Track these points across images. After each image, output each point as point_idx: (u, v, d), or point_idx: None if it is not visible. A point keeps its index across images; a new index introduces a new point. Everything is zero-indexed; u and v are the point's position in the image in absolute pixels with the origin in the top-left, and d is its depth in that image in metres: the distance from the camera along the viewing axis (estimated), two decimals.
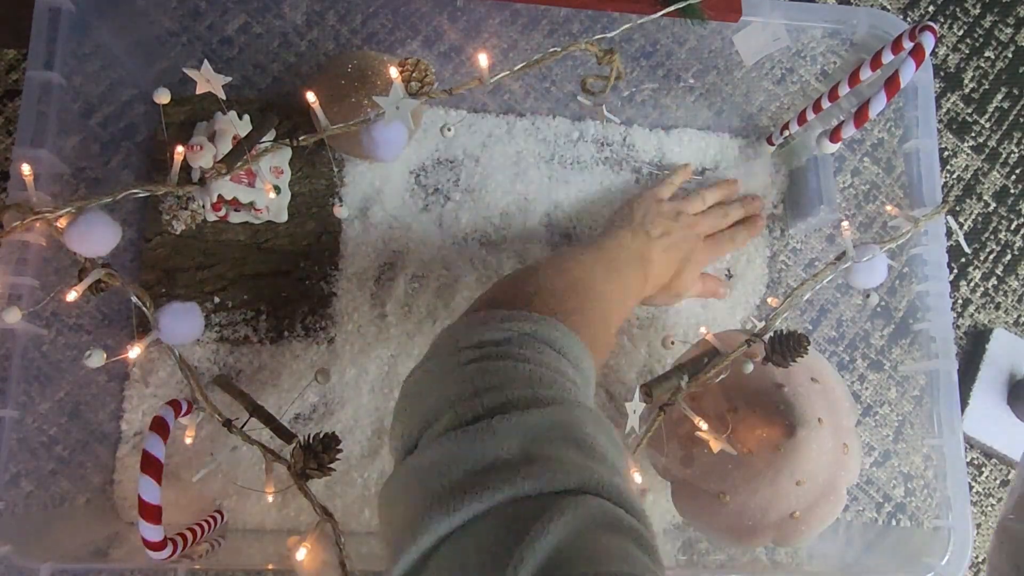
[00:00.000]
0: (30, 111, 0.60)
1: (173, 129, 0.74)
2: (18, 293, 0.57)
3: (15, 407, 0.58)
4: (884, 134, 0.77)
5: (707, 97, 0.80)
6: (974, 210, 0.90)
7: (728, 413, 0.65)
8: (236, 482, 0.71)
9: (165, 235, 0.74)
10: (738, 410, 0.65)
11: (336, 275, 0.76)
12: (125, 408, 0.72)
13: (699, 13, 0.63)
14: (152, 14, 0.69)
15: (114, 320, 0.71)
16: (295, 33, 0.73)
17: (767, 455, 0.62)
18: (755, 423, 0.63)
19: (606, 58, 0.57)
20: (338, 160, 0.78)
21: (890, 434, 0.80)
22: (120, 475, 0.71)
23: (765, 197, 0.85)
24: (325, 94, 0.64)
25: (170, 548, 0.57)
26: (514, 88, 0.79)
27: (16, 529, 0.58)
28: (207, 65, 0.52)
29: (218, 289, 0.74)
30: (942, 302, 0.68)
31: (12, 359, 0.58)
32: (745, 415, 0.64)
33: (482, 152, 0.81)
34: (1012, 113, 0.92)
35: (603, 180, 0.82)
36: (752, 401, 0.64)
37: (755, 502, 0.64)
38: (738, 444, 0.63)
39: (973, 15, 0.94)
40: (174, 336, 0.56)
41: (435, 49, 0.74)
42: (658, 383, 0.61)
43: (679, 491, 0.68)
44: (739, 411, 0.64)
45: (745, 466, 0.63)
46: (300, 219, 0.76)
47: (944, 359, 0.67)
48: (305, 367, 0.74)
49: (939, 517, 0.65)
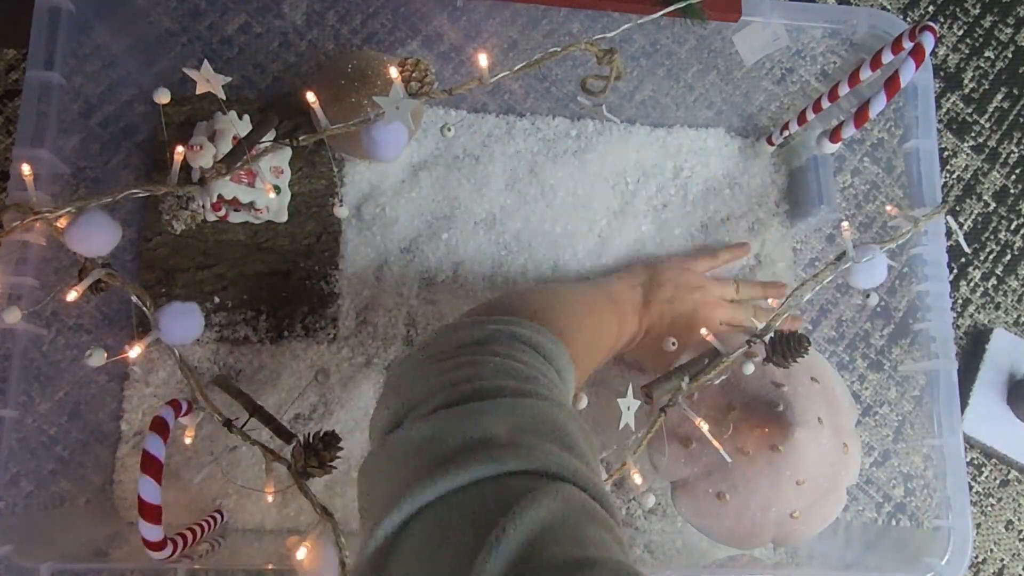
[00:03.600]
0: (30, 111, 0.60)
1: (173, 129, 0.74)
2: (18, 293, 0.57)
3: (15, 407, 0.58)
4: (884, 134, 0.77)
5: (707, 97, 0.80)
6: (974, 210, 0.90)
7: (728, 413, 0.65)
8: (236, 482, 0.71)
9: (165, 235, 0.74)
10: (738, 410, 0.65)
11: (336, 275, 0.76)
12: (125, 408, 0.72)
13: (699, 13, 0.63)
14: (152, 14, 0.69)
15: (114, 320, 0.71)
16: (295, 33, 0.73)
17: (767, 455, 0.62)
18: (755, 423, 0.63)
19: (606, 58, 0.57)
20: (338, 160, 0.78)
21: (890, 434, 0.80)
22: (120, 475, 0.71)
23: (765, 197, 0.85)
24: (325, 94, 0.64)
25: (170, 548, 0.57)
26: (514, 88, 0.79)
27: (16, 529, 0.58)
28: (207, 65, 0.52)
29: (218, 289, 0.74)
30: (942, 302, 0.68)
31: (12, 359, 0.58)
32: (745, 415, 0.64)
33: (482, 152, 0.81)
34: (1012, 113, 0.92)
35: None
36: (752, 401, 0.64)
37: (755, 502, 0.63)
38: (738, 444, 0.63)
39: (973, 15, 0.94)
40: (174, 336, 0.56)
41: (435, 49, 0.74)
42: (658, 384, 0.61)
43: (679, 491, 0.68)
44: (739, 411, 0.64)
45: (745, 466, 0.63)
46: (300, 219, 0.76)
47: (944, 359, 0.67)
48: (305, 367, 0.74)
49: (939, 517, 0.65)
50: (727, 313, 0.74)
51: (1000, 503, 0.85)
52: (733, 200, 0.84)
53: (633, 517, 0.76)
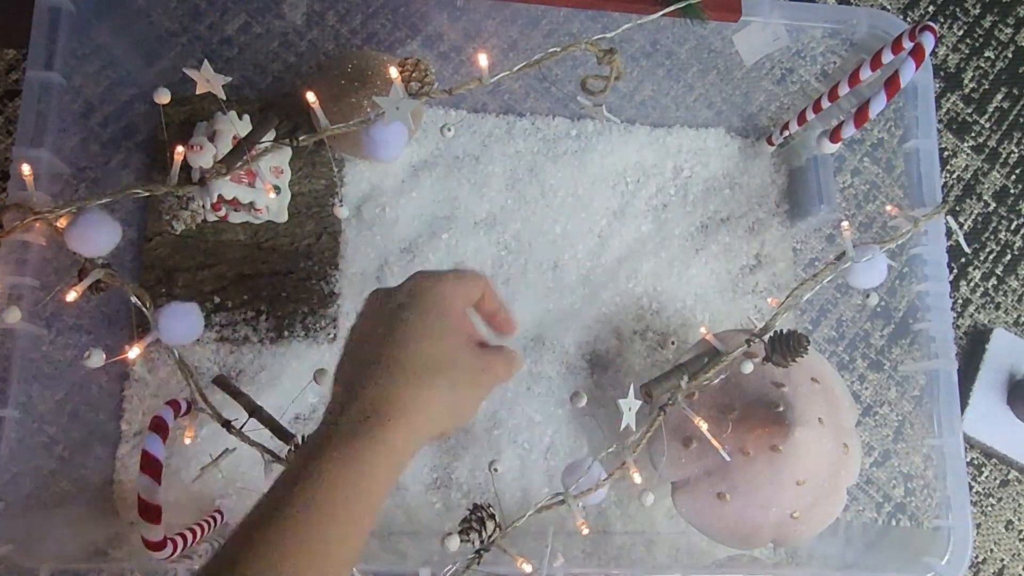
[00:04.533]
0: (30, 111, 0.60)
1: (173, 129, 0.74)
2: (18, 293, 0.57)
3: (15, 407, 0.58)
4: (884, 134, 0.77)
5: (707, 97, 0.80)
6: (974, 210, 0.90)
7: (728, 413, 0.65)
8: (236, 482, 0.71)
9: (165, 235, 0.74)
10: (738, 410, 0.65)
11: (336, 275, 0.76)
12: (125, 408, 0.72)
13: (699, 13, 0.63)
14: (152, 14, 0.69)
15: (114, 320, 0.71)
16: (295, 33, 0.73)
17: (767, 455, 0.62)
18: (755, 423, 0.63)
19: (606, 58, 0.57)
20: (338, 160, 0.78)
21: (890, 434, 0.80)
22: (120, 475, 0.71)
23: (765, 197, 0.85)
24: (325, 94, 0.64)
25: (170, 548, 0.57)
26: (514, 88, 0.79)
27: (16, 529, 0.58)
28: (207, 65, 0.52)
29: (218, 289, 0.74)
30: (942, 302, 0.68)
31: (12, 359, 0.58)
32: (745, 415, 0.64)
33: (482, 152, 0.81)
34: (1012, 113, 0.92)
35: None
36: (752, 401, 0.64)
37: (755, 502, 0.64)
38: (738, 444, 0.63)
39: (973, 15, 0.94)
40: (174, 336, 0.56)
41: (435, 49, 0.74)
42: (658, 383, 0.61)
43: (679, 491, 0.68)
44: (739, 411, 0.64)
45: (745, 466, 0.63)
46: (300, 219, 0.76)
47: (944, 359, 0.67)
48: (305, 367, 0.74)
49: (939, 517, 0.65)
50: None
51: (1000, 503, 0.85)
52: (733, 200, 0.84)
53: (633, 518, 0.76)
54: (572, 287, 0.80)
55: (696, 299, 0.81)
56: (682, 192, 0.84)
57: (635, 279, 0.81)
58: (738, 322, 0.81)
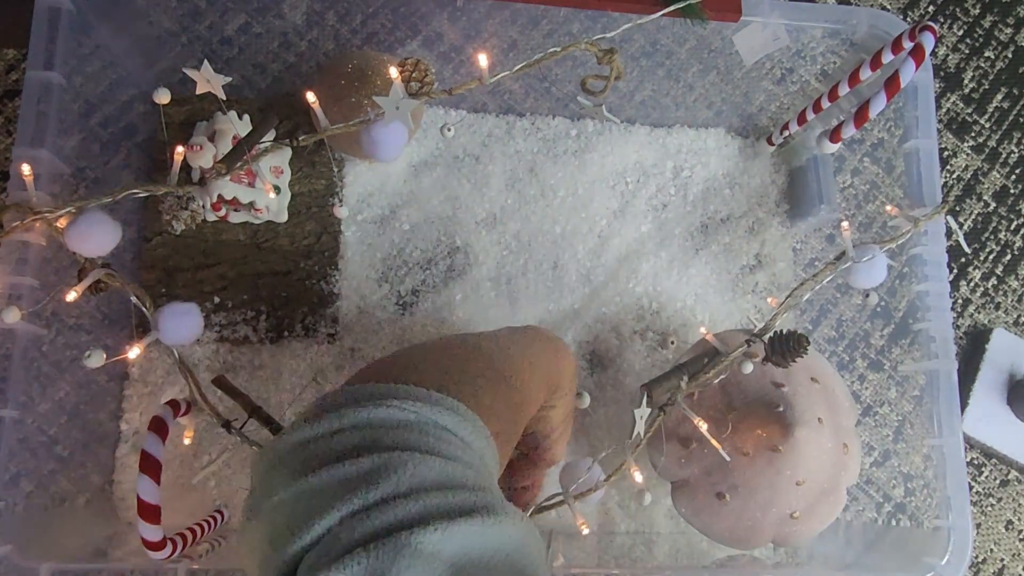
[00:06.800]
0: (30, 111, 0.60)
1: (173, 129, 0.74)
2: (18, 293, 0.57)
3: (15, 407, 0.58)
4: (884, 134, 0.77)
5: (707, 97, 0.80)
6: (974, 210, 0.90)
7: (728, 413, 0.65)
8: (236, 482, 0.71)
9: (165, 235, 0.74)
10: (738, 410, 0.65)
11: (336, 275, 0.76)
12: (125, 408, 0.72)
13: (699, 13, 0.63)
14: (152, 14, 0.69)
15: (114, 320, 0.71)
16: (295, 33, 0.73)
17: (767, 455, 0.62)
18: (755, 423, 0.63)
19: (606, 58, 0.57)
20: (338, 160, 0.78)
21: (890, 434, 0.80)
22: (120, 475, 0.71)
23: (765, 197, 0.85)
24: (325, 94, 0.64)
25: (170, 548, 0.57)
26: (514, 88, 0.79)
27: (16, 529, 0.58)
28: (207, 65, 0.52)
29: (218, 289, 0.74)
30: (942, 302, 0.68)
31: (12, 359, 0.58)
32: (745, 415, 0.64)
33: (482, 152, 0.81)
34: (1012, 113, 0.92)
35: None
36: (752, 401, 0.64)
37: (755, 502, 0.64)
38: (738, 444, 0.63)
39: (973, 15, 0.94)
40: (174, 336, 0.56)
41: (435, 49, 0.74)
42: (658, 383, 0.61)
43: (679, 491, 0.68)
44: (739, 411, 0.64)
45: (745, 466, 0.63)
46: (300, 219, 0.76)
47: (944, 359, 0.67)
48: (305, 367, 0.74)
49: (939, 517, 0.65)
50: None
51: (1000, 503, 0.85)
52: (733, 200, 0.84)
53: (634, 519, 0.76)
54: (572, 287, 0.80)
55: (696, 299, 0.81)
56: (682, 192, 0.84)
57: (635, 279, 0.81)
58: (738, 322, 0.82)
